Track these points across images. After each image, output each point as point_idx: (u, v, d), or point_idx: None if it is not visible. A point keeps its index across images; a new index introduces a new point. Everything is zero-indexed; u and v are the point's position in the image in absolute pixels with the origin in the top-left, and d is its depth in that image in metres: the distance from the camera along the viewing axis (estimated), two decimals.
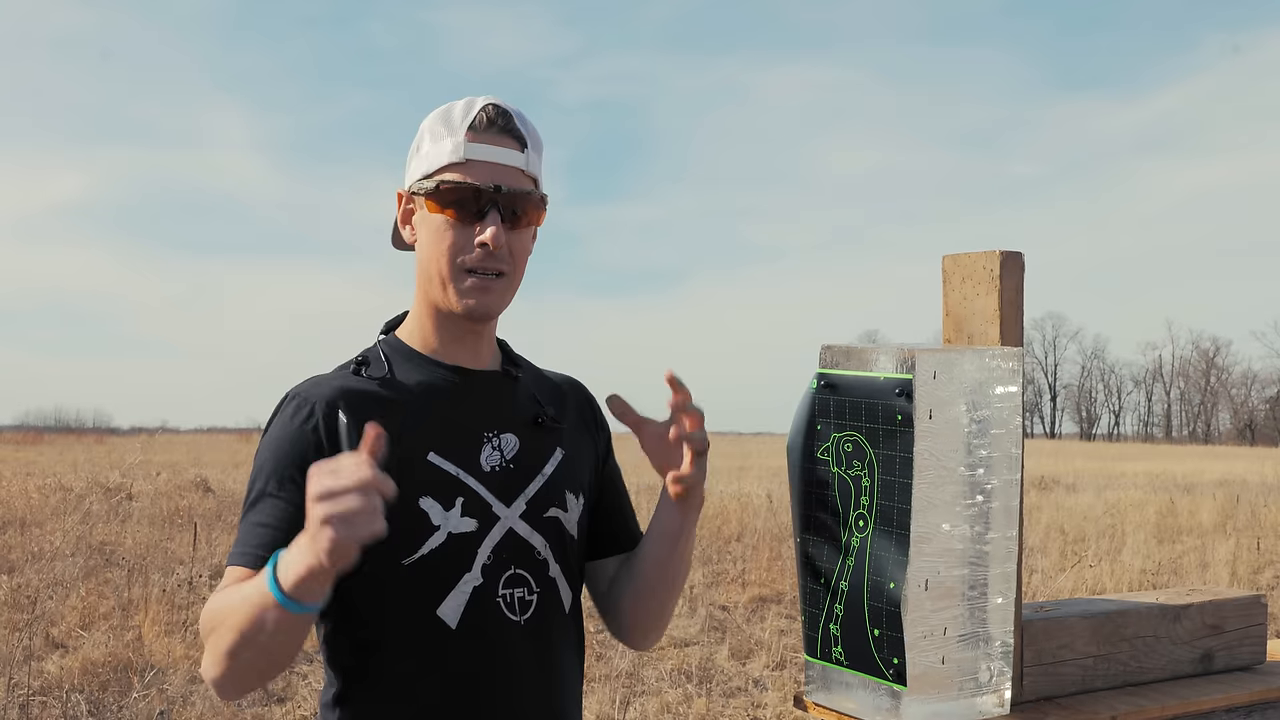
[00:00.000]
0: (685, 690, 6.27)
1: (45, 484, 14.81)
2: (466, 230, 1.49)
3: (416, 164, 1.54)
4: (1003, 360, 1.48)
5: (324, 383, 1.51)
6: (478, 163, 1.49)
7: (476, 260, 1.49)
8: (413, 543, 1.45)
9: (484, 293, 1.51)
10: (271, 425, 1.49)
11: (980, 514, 1.46)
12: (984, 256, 1.58)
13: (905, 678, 1.42)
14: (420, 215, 1.53)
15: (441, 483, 1.48)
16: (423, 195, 1.51)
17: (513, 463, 1.54)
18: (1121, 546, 11.59)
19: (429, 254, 1.52)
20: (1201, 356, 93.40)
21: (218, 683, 1.35)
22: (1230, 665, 1.79)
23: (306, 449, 1.44)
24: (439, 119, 1.53)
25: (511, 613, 1.50)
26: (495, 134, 1.51)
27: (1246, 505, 15.31)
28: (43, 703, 5.56)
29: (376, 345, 1.59)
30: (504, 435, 1.55)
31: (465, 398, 1.55)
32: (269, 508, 1.42)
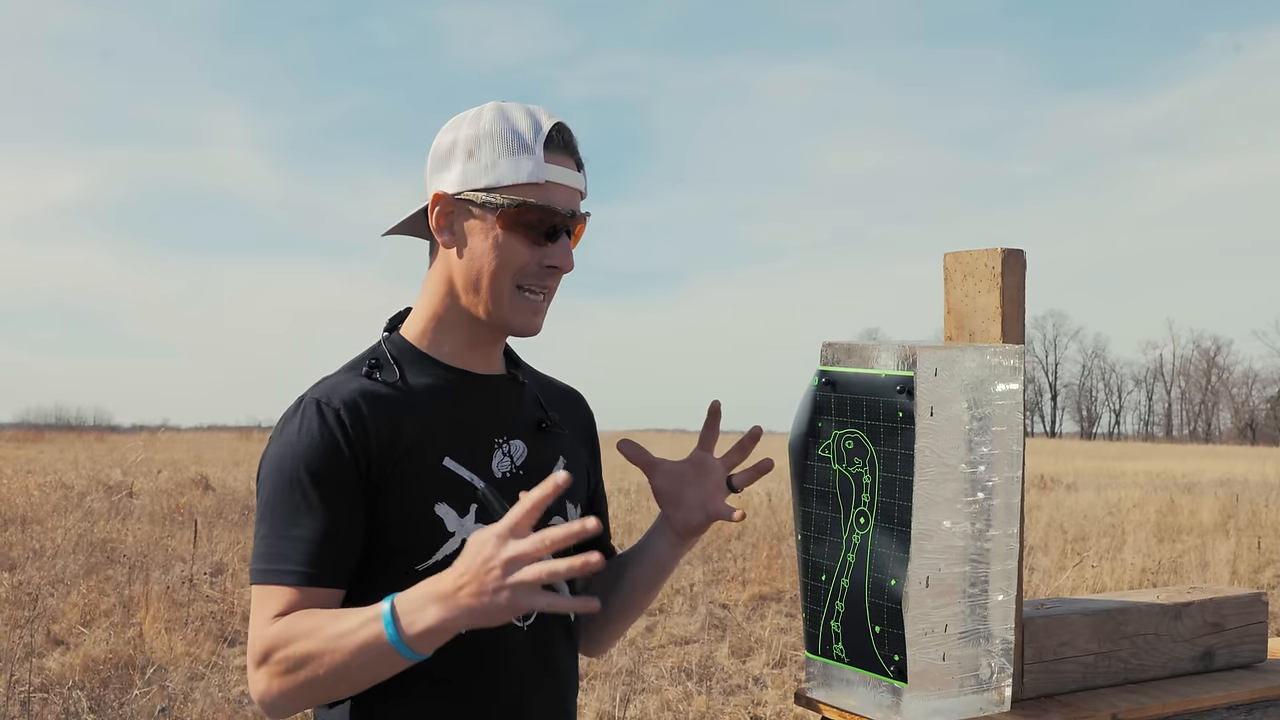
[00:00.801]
0: (685, 688, 6.27)
1: (46, 482, 14.82)
2: (535, 250, 1.49)
3: (474, 171, 1.49)
4: (1004, 357, 1.48)
5: (340, 386, 1.49)
6: (556, 185, 1.49)
7: (538, 279, 1.51)
8: (428, 548, 1.46)
9: (535, 313, 1.53)
10: (288, 429, 1.45)
11: (981, 511, 1.46)
12: (986, 254, 1.58)
13: (906, 675, 1.43)
14: (476, 225, 1.49)
15: (456, 489, 1.48)
16: (492, 211, 1.48)
17: (522, 469, 1.55)
18: (1122, 545, 11.59)
19: (483, 267, 1.49)
20: (1202, 355, 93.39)
21: (279, 709, 1.36)
22: (1231, 663, 1.79)
23: (337, 453, 1.42)
24: (503, 130, 1.49)
25: (515, 619, 1.50)
26: (564, 155, 1.51)
27: (1247, 504, 15.30)
28: (44, 699, 5.57)
29: (382, 344, 1.57)
30: (514, 441, 1.56)
31: (475, 403, 1.55)
32: (300, 517, 1.40)
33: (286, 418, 1.47)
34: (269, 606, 1.37)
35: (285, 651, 1.33)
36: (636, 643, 7.26)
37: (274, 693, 1.35)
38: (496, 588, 1.22)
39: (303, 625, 1.34)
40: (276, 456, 1.44)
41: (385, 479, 1.45)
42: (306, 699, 1.36)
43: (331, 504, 1.41)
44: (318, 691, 1.35)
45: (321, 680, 1.33)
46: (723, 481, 1.60)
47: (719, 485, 1.60)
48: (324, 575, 1.39)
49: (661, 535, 1.64)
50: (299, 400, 1.48)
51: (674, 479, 1.60)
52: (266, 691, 1.35)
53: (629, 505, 13.37)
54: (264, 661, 1.35)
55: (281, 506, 1.41)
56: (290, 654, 1.33)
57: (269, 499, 1.42)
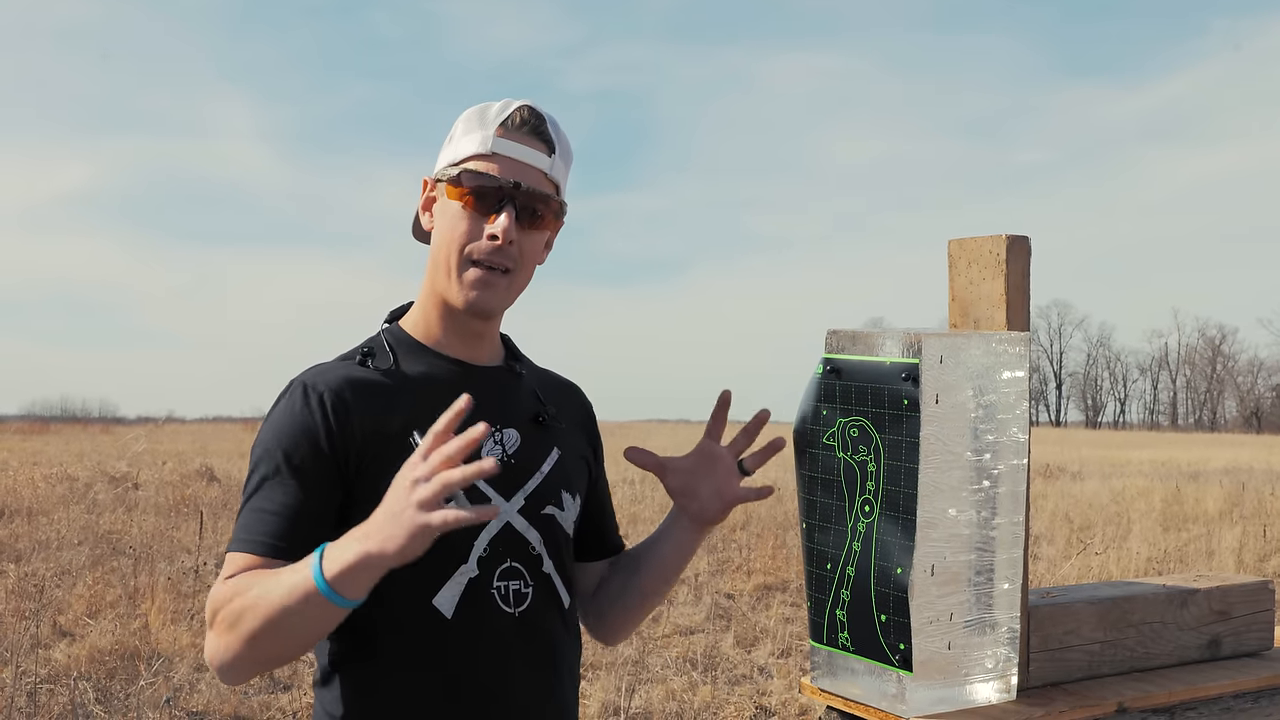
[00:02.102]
0: (690, 678, 6.28)
1: (51, 473, 14.85)
2: (480, 221, 1.50)
3: (445, 153, 1.55)
4: (1009, 345, 1.47)
5: (329, 371, 1.51)
6: (503, 158, 1.50)
7: (484, 252, 1.50)
8: None
9: (486, 286, 1.51)
10: (275, 411, 1.48)
11: (987, 499, 1.45)
12: (990, 241, 1.57)
13: (911, 663, 1.42)
14: (441, 203, 1.54)
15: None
16: (445, 181, 1.52)
17: (513, 458, 1.55)
18: (1127, 534, 11.58)
19: (440, 240, 1.53)
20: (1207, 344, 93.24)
21: (227, 666, 1.36)
22: (1237, 651, 1.78)
23: (314, 435, 1.44)
24: (474, 114, 1.54)
25: (505, 605, 1.50)
26: (525, 134, 1.52)
27: (1253, 493, 15.29)
28: (50, 690, 5.58)
29: (380, 334, 1.59)
30: (506, 430, 1.56)
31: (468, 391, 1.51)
32: (274, 494, 1.42)
33: (277, 399, 1.50)
34: (226, 571, 1.39)
35: (228, 608, 1.34)
36: (641, 632, 7.26)
37: (220, 652, 1.35)
38: (400, 509, 1.21)
39: (244, 582, 1.35)
40: (262, 435, 1.47)
41: (365, 464, 1.45)
42: (251, 657, 1.34)
43: (304, 483, 1.42)
44: (259, 646, 1.33)
45: (260, 634, 1.31)
46: (734, 467, 1.60)
47: (730, 471, 1.60)
48: (288, 548, 1.38)
49: (680, 524, 1.64)
50: (289, 383, 1.51)
51: (685, 475, 1.60)
52: (214, 652, 1.36)
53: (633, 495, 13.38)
54: (211, 622, 1.36)
55: (258, 482, 1.43)
56: (231, 609, 1.33)
57: (250, 475, 1.45)
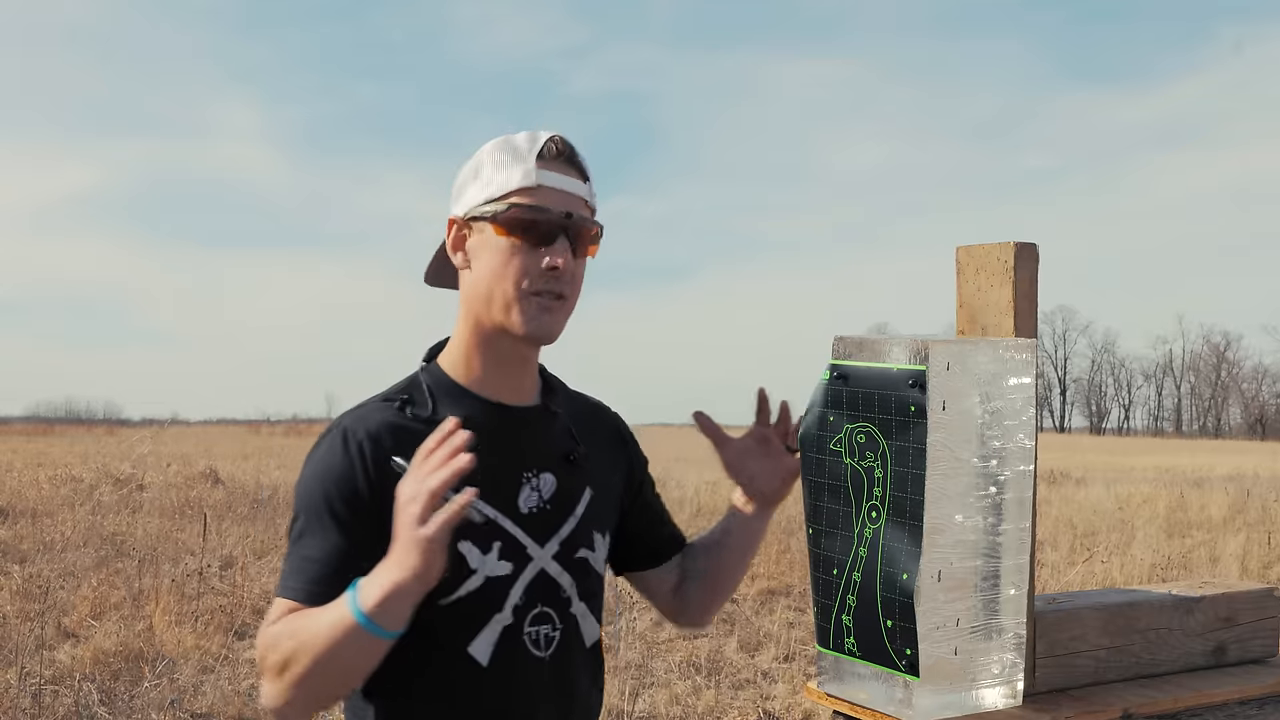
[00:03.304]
0: (694, 682, 6.28)
1: (56, 475, 14.87)
2: (534, 254, 1.51)
3: (476, 190, 1.54)
4: (1016, 351, 1.47)
5: (369, 417, 1.51)
6: (548, 189, 1.52)
7: (543, 283, 1.51)
8: (450, 585, 1.46)
9: (547, 312, 1.53)
10: (316, 455, 1.50)
11: (993, 505, 1.46)
12: (998, 248, 1.57)
13: (918, 669, 1.42)
14: (480, 239, 1.54)
15: (479, 527, 1.48)
16: (488, 220, 1.52)
17: (549, 503, 1.56)
18: (1131, 541, 11.57)
19: (490, 276, 1.52)
20: (1212, 350, 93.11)
21: (283, 710, 1.39)
22: (1243, 658, 1.79)
23: (353, 483, 1.45)
24: (501, 148, 1.55)
25: (536, 649, 1.53)
26: (563, 164, 1.55)
27: (1257, 500, 15.26)
28: (55, 692, 5.59)
29: (419, 375, 1.58)
30: (543, 475, 1.57)
31: (506, 437, 1.55)
32: (316, 540, 1.44)
33: (318, 443, 1.52)
34: (271, 617, 1.42)
35: (275, 654, 1.37)
36: (645, 637, 7.26)
37: (275, 697, 1.38)
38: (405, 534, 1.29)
39: (287, 626, 1.38)
40: (303, 479, 1.49)
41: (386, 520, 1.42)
42: (303, 699, 1.38)
43: (345, 529, 1.44)
44: (310, 687, 1.37)
45: (309, 675, 1.35)
46: (781, 447, 1.69)
47: (780, 450, 1.70)
48: (329, 594, 1.40)
49: (740, 510, 1.74)
50: (330, 427, 1.53)
51: (740, 453, 1.70)
52: (268, 698, 1.39)
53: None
54: (263, 668, 1.39)
55: (301, 528, 1.46)
56: (279, 654, 1.37)
57: (294, 520, 1.48)
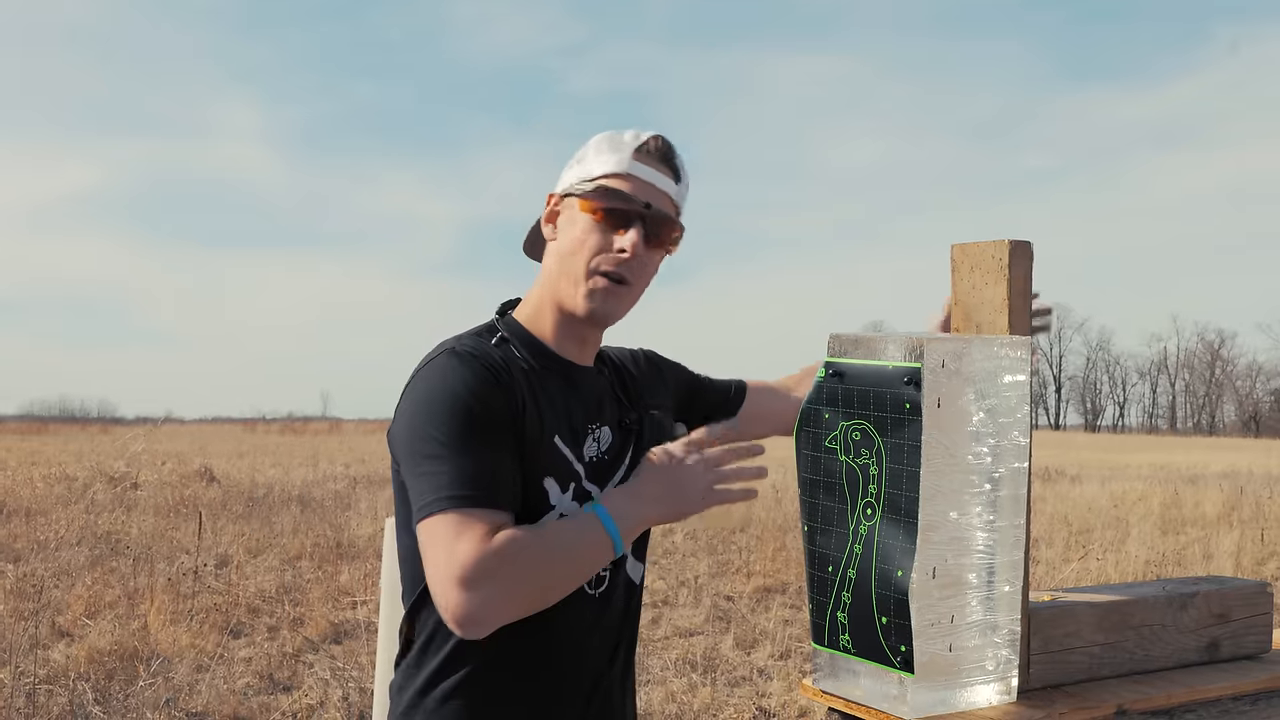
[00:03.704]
0: (690, 679, 6.28)
1: (50, 473, 14.87)
2: (609, 235, 1.62)
3: (575, 171, 1.67)
4: (1011, 349, 1.48)
5: (481, 347, 1.60)
6: (637, 179, 1.64)
7: (611, 263, 1.62)
8: (532, 516, 1.56)
9: (610, 296, 1.64)
10: (448, 375, 1.54)
11: (988, 502, 1.46)
12: (993, 246, 1.58)
13: (913, 665, 1.43)
14: (569, 215, 1.66)
15: (561, 466, 1.61)
16: (578, 195, 1.64)
17: (606, 454, 1.68)
18: (1126, 538, 11.59)
19: (567, 249, 1.64)
20: (1206, 348, 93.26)
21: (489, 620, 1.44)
22: (1236, 654, 1.79)
23: (498, 397, 1.53)
24: (607, 139, 1.67)
25: (588, 586, 1.64)
26: (657, 160, 1.67)
27: (1251, 497, 15.29)
28: (49, 691, 5.58)
29: (495, 324, 1.69)
30: (603, 429, 1.69)
31: (577, 391, 1.68)
32: (486, 454, 1.49)
33: (436, 367, 1.56)
34: (476, 527, 1.44)
35: (516, 557, 1.43)
36: (641, 634, 7.27)
37: (489, 600, 1.42)
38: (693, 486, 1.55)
39: (524, 535, 1.46)
40: (438, 399, 1.52)
41: (517, 439, 1.55)
42: (528, 605, 1.47)
43: (501, 441, 1.52)
44: (545, 594, 1.48)
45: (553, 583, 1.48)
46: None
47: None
48: (510, 500, 1.51)
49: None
50: (445, 351, 1.58)
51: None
52: (477, 601, 1.41)
53: None
54: (482, 577, 1.41)
55: (458, 439, 1.49)
56: (521, 559, 1.43)
57: (439, 435, 1.49)
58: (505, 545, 1.43)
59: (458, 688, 1.60)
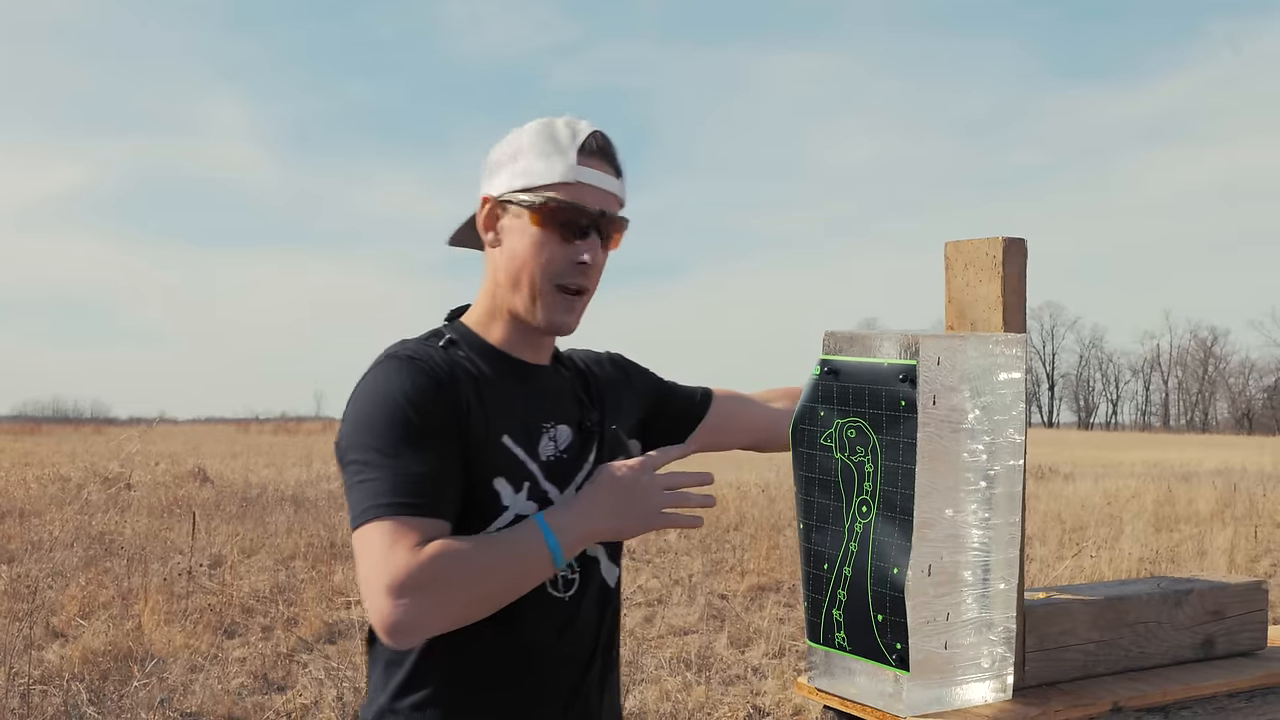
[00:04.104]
0: (684, 678, 6.28)
1: (44, 474, 14.84)
2: (564, 247, 1.60)
3: (513, 174, 1.62)
4: (1005, 346, 1.48)
5: (422, 350, 1.57)
6: (587, 187, 1.60)
7: (570, 276, 1.61)
8: (484, 519, 1.54)
9: (569, 311, 1.63)
10: (387, 380, 1.52)
11: (983, 500, 1.46)
12: (987, 243, 1.58)
13: (908, 663, 1.43)
14: (514, 224, 1.62)
15: (512, 466, 1.57)
16: (526, 208, 1.60)
17: (564, 453, 1.65)
18: (1119, 535, 11.61)
19: (521, 264, 1.61)
20: (1199, 346, 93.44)
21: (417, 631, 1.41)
22: (1231, 651, 1.79)
23: (439, 401, 1.50)
24: (542, 136, 1.61)
25: (554, 589, 1.61)
26: (601, 160, 1.63)
27: (1244, 494, 15.33)
28: (43, 691, 5.57)
29: (443, 329, 1.67)
30: (559, 427, 1.66)
31: (530, 391, 1.65)
32: (424, 457, 1.46)
33: (377, 374, 1.54)
34: (408, 536, 1.41)
35: (447, 569, 1.40)
36: (635, 633, 7.27)
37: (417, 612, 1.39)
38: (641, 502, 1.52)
39: (458, 545, 1.43)
40: (378, 405, 1.50)
41: (461, 443, 1.53)
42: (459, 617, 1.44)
43: (440, 446, 1.49)
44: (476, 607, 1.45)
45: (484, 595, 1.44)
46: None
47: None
48: (445, 509, 1.47)
49: None
50: (387, 356, 1.56)
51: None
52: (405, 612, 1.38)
53: None
54: (411, 587, 1.38)
55: (395, 445, 1.46)
56: (451, 571, 1.40)
57: (375, 442, 1.47)
58: (437, 555, 1.40)
59: (429, 699, 1.57)
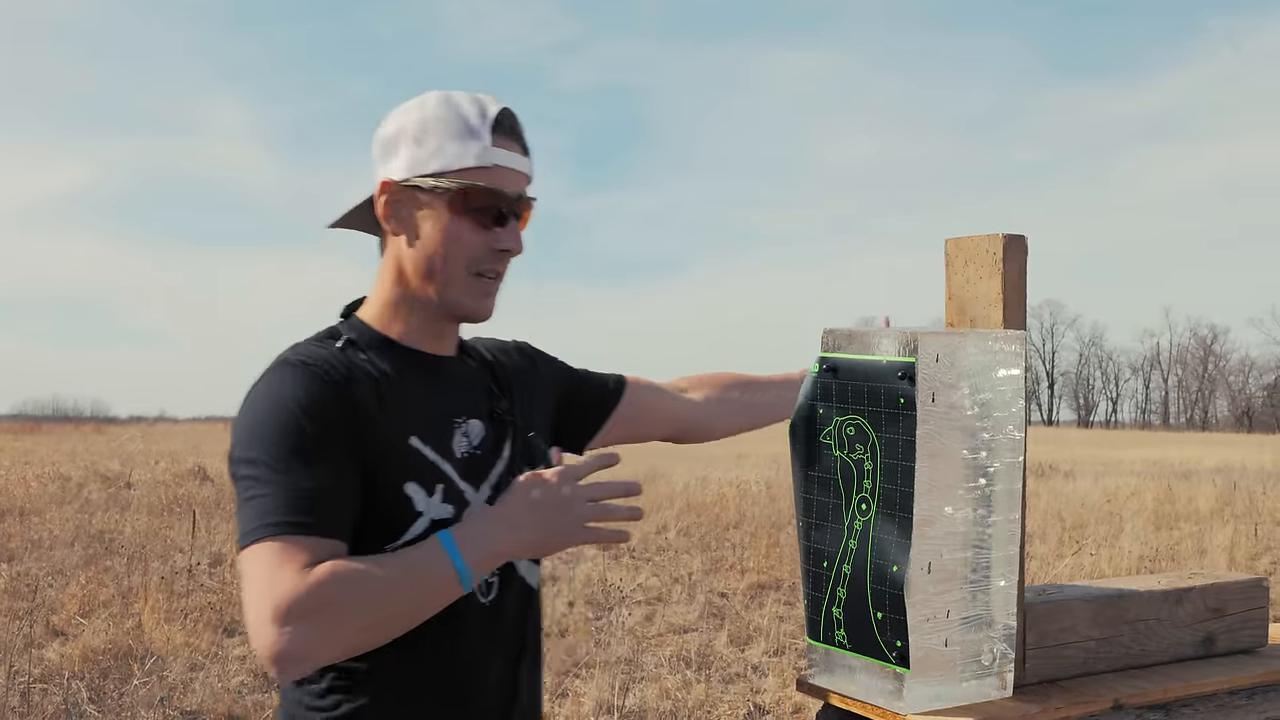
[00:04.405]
0: (684, 676, 6.29)
1: (44, 473, 14.84)
2: (484, 234, 1.51)
3: (419, 157, 1.50)
4: (1005, 343, 1.48)
5: (319, 353, 1.48)
6: (503, 170, 1.51)
7: (490, 263, 1.53)
8: (397, 528, 1.45)
9: (487, 296, 1.55)
10: (279, 388, 1.42)
11: (983, 497, 1.46)
12: (987, 240, 1.58)
13: (908, 661, 1.43)
14: (425, 212, 1.51)
15: (423, 469, 1.48)
16: (439, 195, 1.50)
17: (479, 448, 1.56)
18: (1119, 533, 11.61)
19: (435, 254, 1.51)
20: (1199, 344, 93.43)
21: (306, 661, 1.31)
22: (1232, 648, 1.79)
23: (333, 409, 1.41)
24: (448, 114, 1.50)
25: (479, 594, 1.52)
26: (511, 139, 1.54)
27: (1244, 492, 15.33)
28: (44, 690, 5.57)
29: (338, 328, 1.56)
30: (471, 421, 1.57)
31: (436, 385, 1.56)
32: (315, 472, 1.36)
33: (269, 380, 1.44)
34: (295, 558, 1.31)
35: (336, 593, 1.29)
36: (635, 631, 7.27)
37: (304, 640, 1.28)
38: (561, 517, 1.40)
39: (351, 567, 1.31)
40: (269, 413, 1.40)
41: (363, 450, 1.43)
42: (355, 644, 1.34)
43: (335, 457, 1.39)
44: (360, 635, 1.33)
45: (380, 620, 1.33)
46: None
47: None
48: (337, 527, 1.37)
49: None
50: (279, 363, 1.46)
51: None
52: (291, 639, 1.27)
53: None
54: (298, 613, 1.28)
55: (285, 459, 1.36)
56: (341, 595, 1.29)
57: (265, 456, 1.37)
58: (327, 579, 1.29)
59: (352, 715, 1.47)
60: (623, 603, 7.77)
